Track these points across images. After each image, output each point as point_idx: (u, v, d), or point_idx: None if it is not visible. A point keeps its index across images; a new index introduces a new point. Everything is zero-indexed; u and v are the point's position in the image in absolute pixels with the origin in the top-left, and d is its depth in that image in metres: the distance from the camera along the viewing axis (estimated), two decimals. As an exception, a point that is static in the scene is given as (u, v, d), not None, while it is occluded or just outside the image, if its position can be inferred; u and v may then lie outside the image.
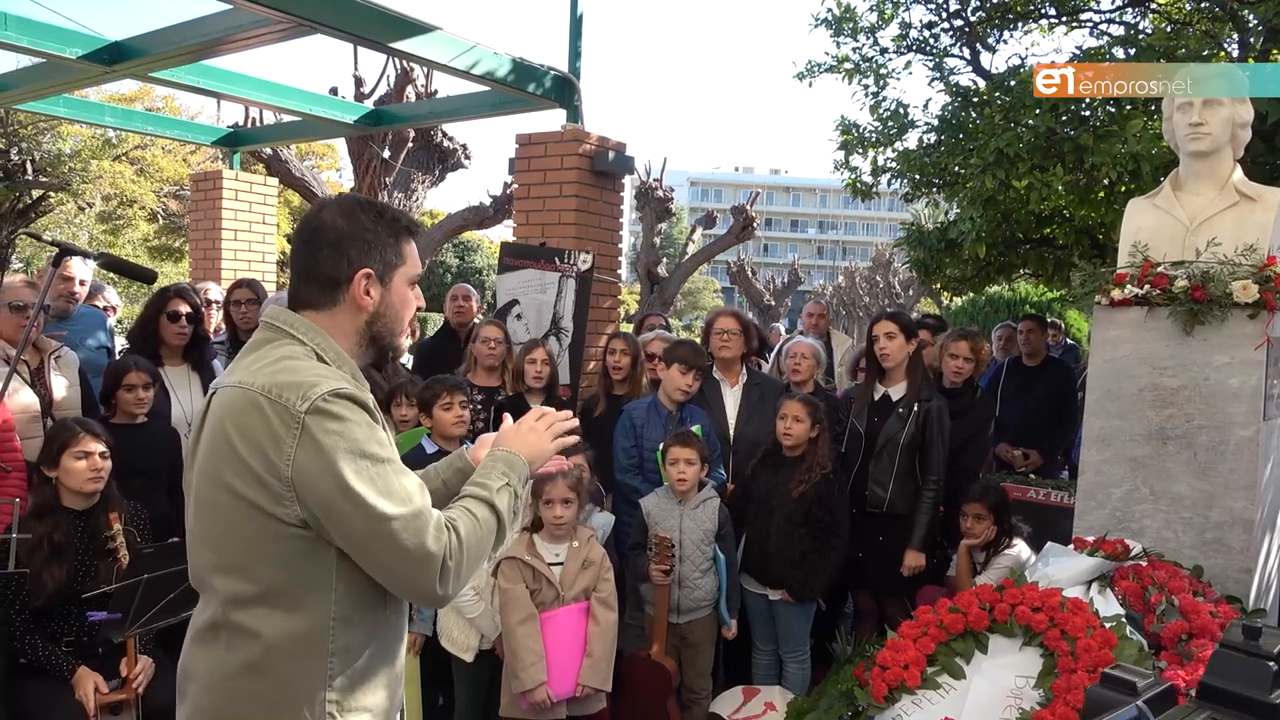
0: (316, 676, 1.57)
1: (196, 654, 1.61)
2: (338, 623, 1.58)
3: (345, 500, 1.49)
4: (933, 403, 4.25)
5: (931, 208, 8.16)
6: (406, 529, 1.51)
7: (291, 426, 1.49)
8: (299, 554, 1.54)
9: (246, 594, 1.54)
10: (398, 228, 1.71)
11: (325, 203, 1.73)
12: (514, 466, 1.78)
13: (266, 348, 1.63)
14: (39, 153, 17.67)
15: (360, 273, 1.66)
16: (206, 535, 1.59)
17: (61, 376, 4.16)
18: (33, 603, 3.16)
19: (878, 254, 31.88)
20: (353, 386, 1.58)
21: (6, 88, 6.30)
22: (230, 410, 1.54)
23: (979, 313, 16.83)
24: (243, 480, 1.51)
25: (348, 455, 1.50)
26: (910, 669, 2.79)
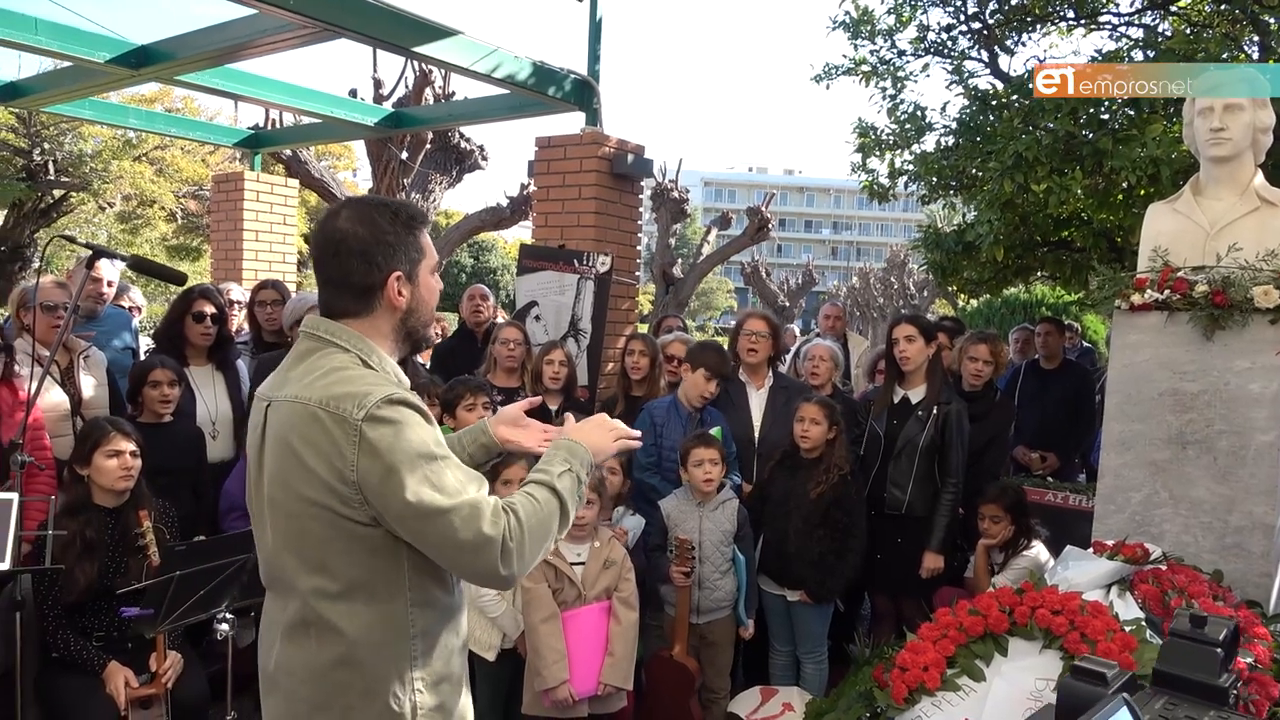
0: (403, 659, 1.68)
1: (288, 650, 1.71)
2: (415, 608, 1.69)
3: (404, 499, 1.57)
4: (952, 405, 4.26)
5: (949, 210, 8.16)
6: (462, 518, 1.59)
7: (351, 435, 1.58)
8: (374, 550, 1.64)
9: (330, 591, 1.64)
10: (413, 223, 1.76)
11: (339, 211, 1.75)
12: (575, 453, 1.84)
13: (313, 358, 1.71)
14: (61, 153, 17.88)
15: (392, 276, 1.72)
16: (286, 541, 1.68)
17: (90, 376, 4.23)
18: (65, 598, 3.23)
19: (892, 255, 31.75)
20: (403, 390, 1.66)
21: (36, 90, 6.40)
22: (292, 424, 1.63)
23: (994, 315, 16.77)
24: (314, 488, 1.61)
25: (404, 457, 1.58)
26: (930, 671, 2.80)
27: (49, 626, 3.21)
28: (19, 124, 16.92)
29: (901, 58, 6.70)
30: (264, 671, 1.79)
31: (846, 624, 4.65)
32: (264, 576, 1.80)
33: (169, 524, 3.55)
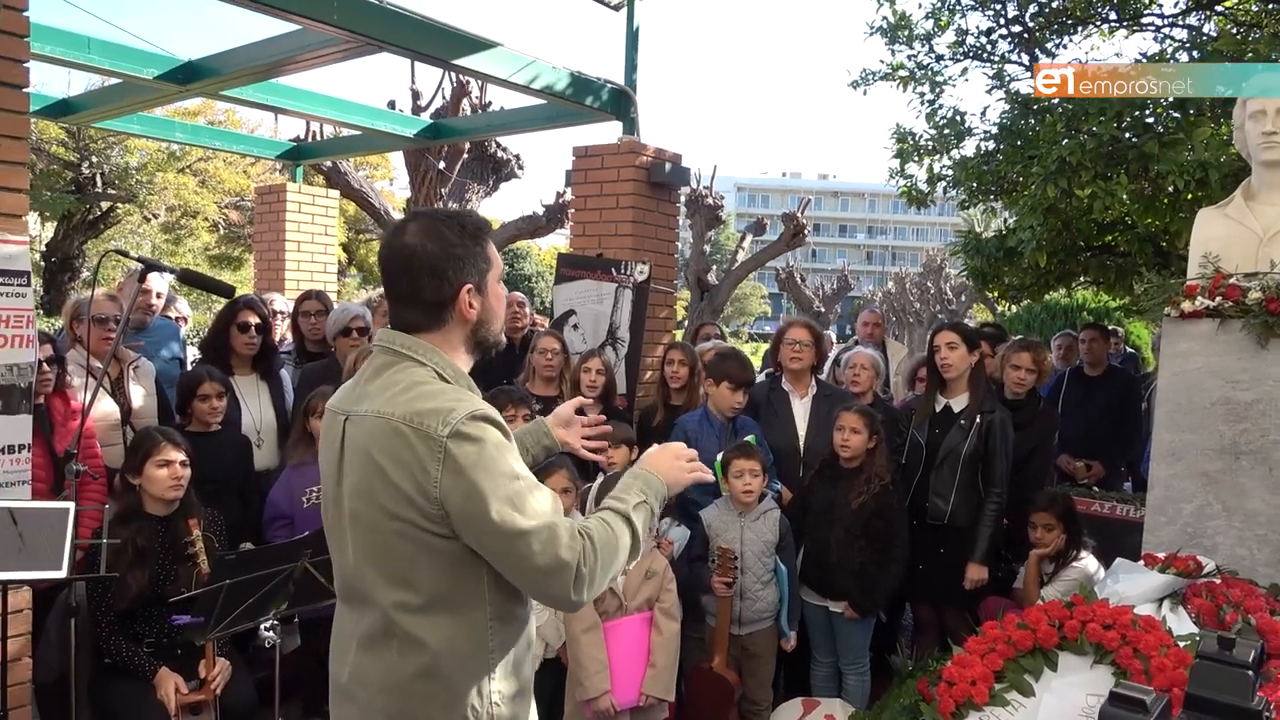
0: (483, 672, 1.70)
1: (366, 662, 1.72)
2: (494, 621, 1.71)
3: (485, 517, 1.58)
4: (996, 414, 4.20)
5: (989, 215, 8.07)
6: (541, 541, 1.60)
7: (435, 451, 1.59)
8: (456, 563, 1.66)
9: (413, 604, 1.66)
10: (480, 234, 1.77)
11: (405, 227, 1.75)
12: (652, 486, 1.84)
13: (390, 372, 1.72)
14: (108, 166, 18.30)
15: (463, 290, 1.73)
16: (368, 554, 1.69)
17: (140, 386, 4.32)
18: (117, 605, 3.29)
19: (929, 260, 31.41)
20: (487, 407, 1.67)
21: (86, 106, 6.55)
22: (375, 439, 1.64)
23: (1034, 320, 16.50)
24: (397, 503, 1.62)
25: (486, 475, 1.59)
26: (978, 685, 2.76)
27: (102, 633, 3.27)
28: (69, 138, 17.36)
29: (939, 62, 6.64)
30: (336, 682, 1.80)
31: (888, 635, 4.61)
32: (340, 589, 1.81)
33: (217, 532, 3.61)
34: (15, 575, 2.65)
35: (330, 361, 4.83)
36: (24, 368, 3.04)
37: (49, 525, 2.76)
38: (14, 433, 3.03)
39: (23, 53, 2.99)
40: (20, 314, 3.02)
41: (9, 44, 2.91)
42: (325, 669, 3.68)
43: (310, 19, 4.28)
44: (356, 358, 4.37)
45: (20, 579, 2.69)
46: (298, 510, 3.98)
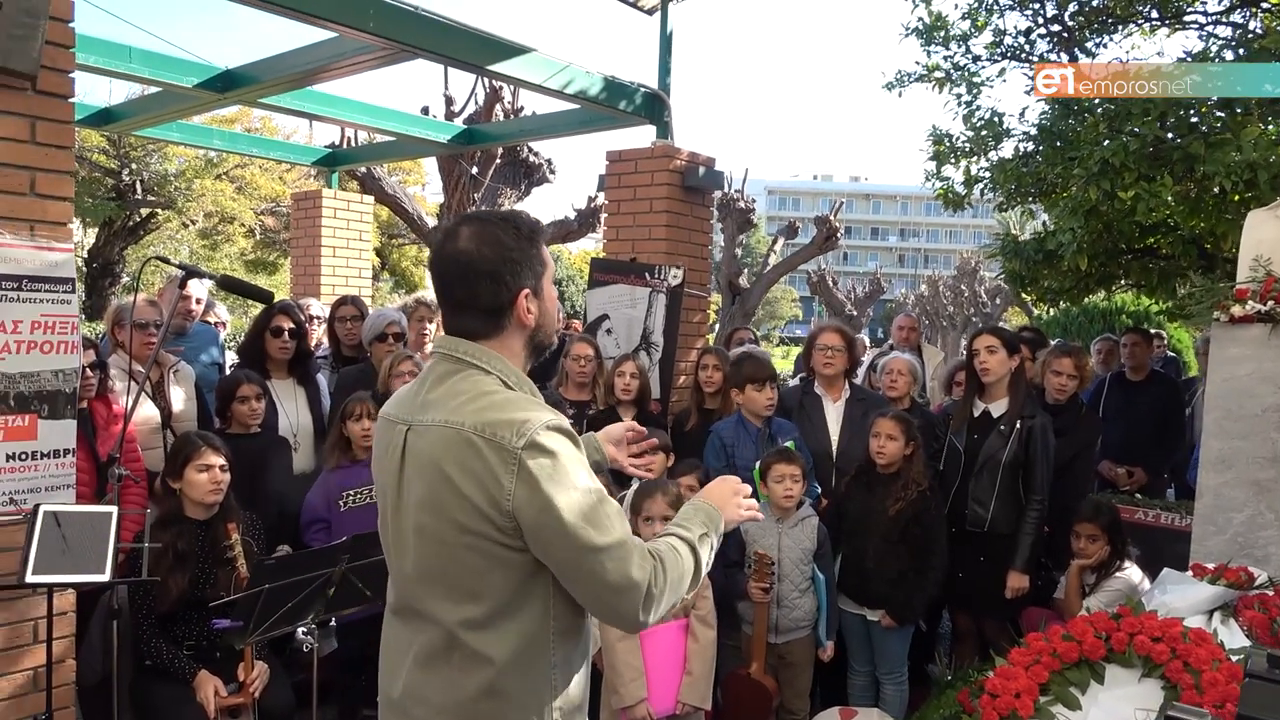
0: (544, 690, 1.66)
1: (424, 679, 1.67)
2: (555, 636, 1.67)
3: (559, 532, 1.55)
4: (1036, 420, 4.13)
5: (1026, 217, 7.95)
6: (614, 558, 1.57)
7: (509, 464, 1.55)
8: (524, 577, 1.62)
9: (477, 618, 1.61)
10: (534, 236, 1.73)
11: (458, 232, 1.70)
12: (714, 521, 1.81)
13: (453, 380, 1.67)
14: (148, 173, 18.62)
15: (521, 295, 1.69)
16: (431, 567, 1.65)
17: (180, 389, 4.37)
18: (158, 609, 3.32)
19: (963, 262, 31.08)
20: (560, 417, 1.63)
21: (127, 115, 6.66)
22: (446, 450, 1.60)
23: (1072, 323, 16.27)
24: (468, 515, 1.58)
25: (561, 488, 1.56)
26: (1023, 698, 2.71)
27: (143, 635, 3.31)
28: (110, 146, 17.69)
29: (976, 63, 6.56)
30: (386, 697, 1.77)
31: (926, 643, 4.55)
32: (394, 602, 1.77)
33: (255, 536, 3.63)
34: (60, 579, 2.68)
35: (366, 366, 4.86)
36: (68, 373, 3.08)
37: (92, 529, 2.80)
38: (59, 437, 3.07)
39: (68, 63, 3.03)
40: (65, 320, 3.06)
41: (55, 55, 2.95)
42: (361, 672, 3.70)
43: (346, 26, 4.31)
44: (392, 363, 4.41)
45: (65, 582, 2.72)
46: (335, 513, 4.00)
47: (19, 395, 2.96)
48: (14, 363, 2.94)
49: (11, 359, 2.94)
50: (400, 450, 1.68)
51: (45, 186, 3.00)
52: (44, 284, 2.99)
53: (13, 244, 2.92)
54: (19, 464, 2.98)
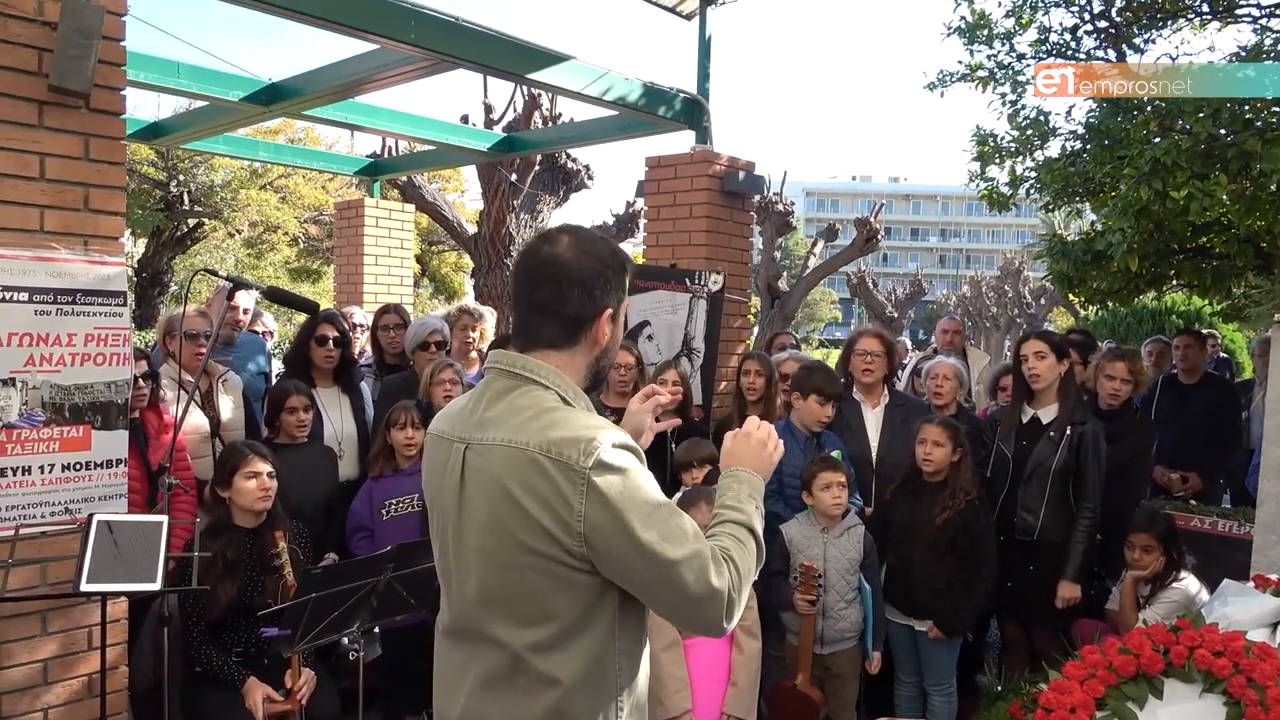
0: (610, 709, 1.64)
1: (487, 703, 1.64)
2: (621, 657, 1.65)
3: (635, 550, 1.52)
4: (1087, 426, 4.05)
5: (1072, 216, 7.80)
6: (693, 570, 1.54)
7: (578, 484, 1.51)
8: (591, 598, 1.59)
9: (543, 641, 1.58)
10: (626, 264, 1.72)
11: (558, 238, 1.67)
12: (757, 489, 1.77)
13: (512, 396, 1.64)
14: (194, 184, 19.01)
15: (605, 313, 1.67)
16: (495, 590, 1.61)
17: (228, 398, 4.44)
18: (208, 616, 3.37)
19: (1006, 262, 30.64)
20: (624, 434, 1.60)
21: (176, 129, 6.80)
22: (509, 471, 1.56)
23: (1120, 324, 15.95)
24: (536, 538, 1.54)
25: (633, 505, 1.53)
26: (1078, 713, 2.65)
27: (193, 642, 3.36)
28: (158, 158, 18.08)
29: (1021, 61, 6.44)
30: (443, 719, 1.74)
31: (974, 653, 4.47)
32: (450, 624, 1.73)
33: (302, 544, 3.67)
34: (113, 587, 2.73)
35: (409, 374, 4.89)
36: (120, 384, 3.14)
37: (144, 538, 2.84)
38: (112, 447, 3.13)
39: (119, 81, 3.10)
40: (117, 333, 3.12)
41: (107, 73, 3.02)
42: (405, 679, 3.71)
43: (388, 38, 4.35)
44: (433, 371, 4.43)
45: (118, 590, 2.77)
46: (377, 522, 4.03)
47: (73, 407, 3.03)
48: (69, 375, 3.01)
49: (66, 371, 3.00)
50: (459, 470, 1.64)
51: (98, 202, 3.06)
52: (97, 297, 3.06)
53: (67, 258, 2.99)
54: (74, 474, 3.04)
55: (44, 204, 2.94)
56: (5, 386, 2.88)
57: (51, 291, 2.95)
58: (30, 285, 2.91)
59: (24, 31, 2.86)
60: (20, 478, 2.93)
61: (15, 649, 2.95)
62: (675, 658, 3.18)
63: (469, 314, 5.28)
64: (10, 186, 2.87)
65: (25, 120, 2.89)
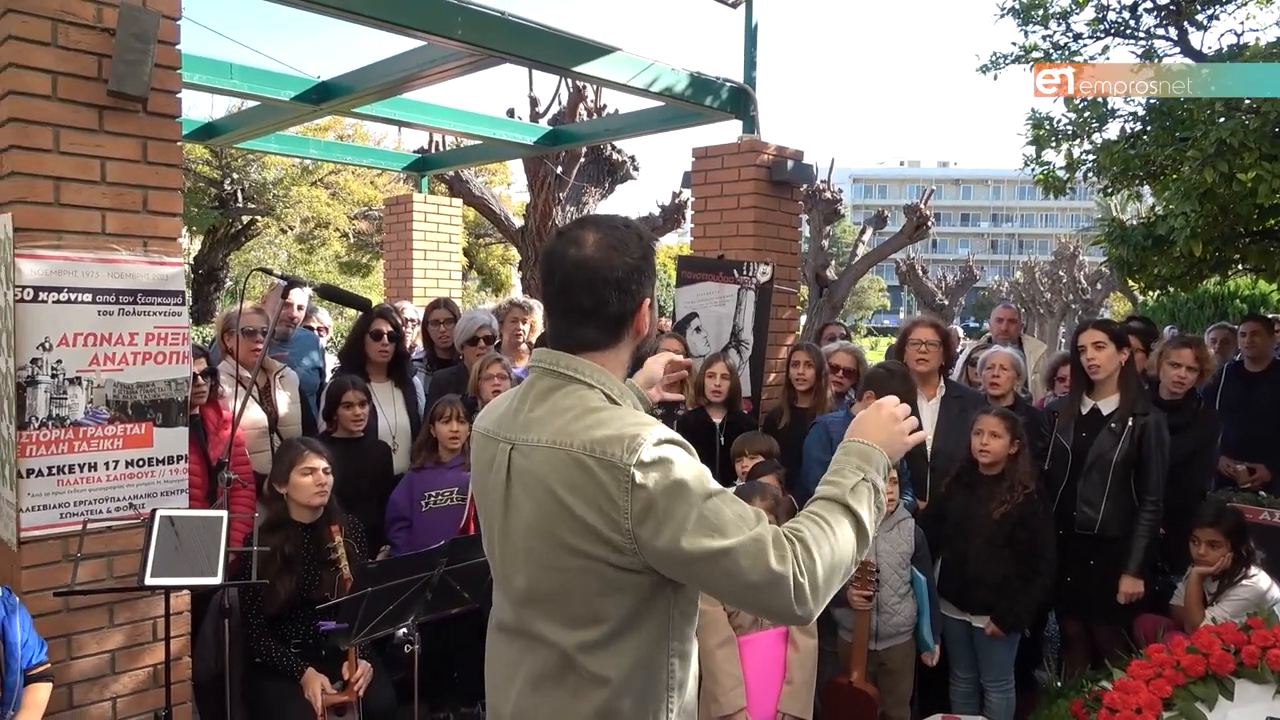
0: (660, 709, 1.62)
1: (536, 700, 1.63)
2: (674, 658, 1.62)
3: (687, 542, 1.47)
4: (1150, 417, 3.93)
5: (1130, 199, 7.59)
6: (749, 556, 1.47)
7: (623, 482, 1.48)
8: (641, 599, 1.57)
9: (593, 641, 1.56)
10: (652, 243, 1.68)
11: (583, 239, 1.61)
12: (870, 459, 1.66)
13: (556, 396, 1.62)
14: (248, 182, 19.38)
15: (644, 304, 1.64)
16: (544, 590, 1.60)
17: (285, 393, 4.51)
18: (267, 610, 3.44)
19: (1061, 247, 29.95)
20: (667, 429, 1.57)
21: (229, 129, 6.92)
22: (554, 472, 1.54)
23: (1181, 310, 15.50)
24: (584, 539, 1.52)
25: (680, 498, 1.48)
26: (1144, 713, 2.58)
27: (252, 634, 3.43)
28: (213, 157, 18.47)
29: (1078, 41, 6.29)
30: (496, 716, 1.74)
31: (1032, 649, 4.38)
32: (501, 620, 1.73)
33: (357, 537, 3.72)
34: (176, 581, 2.79)
35: (459, 369, 4.93)
36: (180, 382, 3.21)
37: (205, 532, 2.90)
38: (172, 444, 3.20)
39: (175, 84, 3.15)
40: (176, 332, 3.18)
41: (163, 76, 3.07)
42: (450, 668, 3.73)
43: (435, 35, 4.37)
44: (481, 366, 4.46)
45: (180, 584, 2.83)
46: (416, 513, 4.08)
47: (135, 405, 3.10)
48: (131, 374, 3.08)
49: (129, 370, 3.07)
50: (505, 470, 1.63)
51: (156, 203, 3.13)
52: (157, 297, 3.12)
53: (128, 259, 3.06)
54: (137, 470, 3.12)
55: (105, 207, 3.01)
56: (72, 385, 2.96)
57: (114, 292, 3.02)
58: (94, 286, 2.98)
59: (84, 38, 2.93)
60: (86, 474, 3.01)
61: (85, 640, 3.04)
62: (730, 655, 3.16)
63: (518, 307, 5.31)
64: (74, 191, 2.94)
65: (86, 125, 2.96)
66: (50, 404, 2.92)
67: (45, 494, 2.93)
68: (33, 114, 2.86)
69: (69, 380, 2.95)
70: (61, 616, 2.96)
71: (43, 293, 2.89)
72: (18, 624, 2.55)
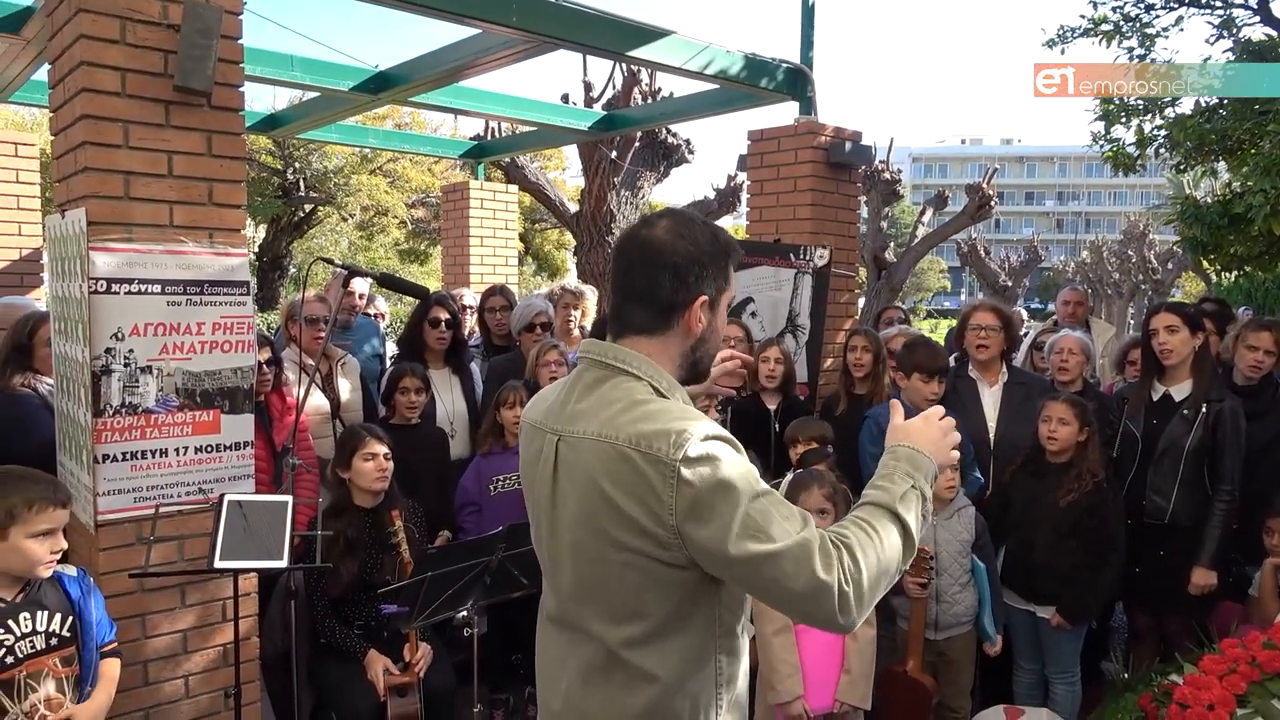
0: (711, 707, 1.62)
1: (585, 694, 1.63)
2: (722, 654, 1.62)
3: (730, 543, 1.45)
4: (1225, 404, 3.80)
5: (1209, 177, 7.30)
6: (793, 562, 1.45)
7: (668, 477, 1.46)
8: (689, 593, 1.56)
9: (639, 636, 1.56)
10: (729, 250, 1.66)
11: (657, 221, 1.64)
12: (919, 465, 1.65)
13: (604, 388, 1.61)
14: (309, 171, 19.76)
15: (699, 300, 1.61)
16: (588, 584, 1.60)
17: (346, 380, 4.60)
18: (330, 592, 3.52)
19: (1130, 225, 29.05)
20: (716, 425, 1.54)
21: (291, 120, 7.05)
22: (601, 465, 1.53)
23: (1258, 291, 14.91)
24: (629, 533, 1.51)
25: (725, 497, 1.46)
26: (1217, 710, 2.50)
27: (317, 616, 3.52)
28: (275, 147, 18.87)
29: (1150, 12, 6.06)
30: (547, 709, 1.75)
31: (1099, 639, 4.28)
32: (552, 610, 1.74)
33: (417, 522, 3.79)
34: (244, 564, 2.87)
35: (515, 355, 4.97)
36: (245, 370, 3.29)
37: (271, 516, 2.97)
38: (239, 430, 3.28)
39: (238, 78, 3.21)
40: (242, 321, 3.26)
41: (226, 71, 3.13)
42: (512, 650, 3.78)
43: (490, 23, 4.38)
44: (538, 352, 4.49)
45: (248, 568, 2.91)
46: (485, 498, 4.14)
47: (204, 392, 3.18)
48: (199, 362, 3.16)
49: (197, 359, 3.16)
50: (552, 462, 1.63)
51: (221, 196, 3.20)
52: (222, 288, 3.20)
53: (195, 251, 3.13)
54: (205, 455, 3.21)
55: (172, 199, 3.09)
56: (144, 374, 3.05)
57: (181, 283, 3.10)
58: (162, 278, 3.06)
59: (150, 36, 3.00)
60: (158, 459, 3.11)
61: (158, 620, 3.14)
62: (786, 643, 3.15)
63: (570, 293, 5.33)
64: (143, 185, 3.02)
65: (154, 120, 3.03)
66: (123, 392, 3.02)
67: (120, 479, 3.03)
68: (104, 110, 2.94)
69: (140, 369, 3.04)
70: (136, 597, 3.07)
71: (115, 284, 2.98)
72: (93, 604, 2.64)
